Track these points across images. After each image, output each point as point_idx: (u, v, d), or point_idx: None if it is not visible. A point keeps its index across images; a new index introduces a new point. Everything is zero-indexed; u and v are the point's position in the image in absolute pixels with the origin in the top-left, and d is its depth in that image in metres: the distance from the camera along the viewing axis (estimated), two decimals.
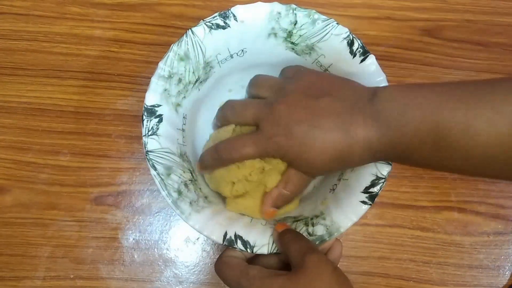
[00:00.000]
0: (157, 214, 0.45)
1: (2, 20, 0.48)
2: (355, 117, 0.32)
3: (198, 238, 0.45)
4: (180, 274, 0.45)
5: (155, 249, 0.45)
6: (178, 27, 0.48)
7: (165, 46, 0.48)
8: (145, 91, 0.47)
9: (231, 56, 0.40)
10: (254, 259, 0.36)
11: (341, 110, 0.32)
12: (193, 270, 0.45)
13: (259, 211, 0.37)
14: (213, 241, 0.35)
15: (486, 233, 0.45)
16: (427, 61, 0.49)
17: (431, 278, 0.45)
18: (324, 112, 0.33)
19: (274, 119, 0.34)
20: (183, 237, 0.45)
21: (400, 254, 0.45)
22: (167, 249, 0.45)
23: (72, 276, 0.44)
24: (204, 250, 0.45)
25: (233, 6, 0.37)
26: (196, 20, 0.48)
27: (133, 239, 0.45)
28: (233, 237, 0.35)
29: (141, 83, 0.47)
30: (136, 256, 0.45)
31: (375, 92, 0.33)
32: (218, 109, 0.40)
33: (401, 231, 0.45)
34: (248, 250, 0.35)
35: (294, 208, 0.40)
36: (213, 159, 0.36)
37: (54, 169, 0.45)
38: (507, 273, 0.45)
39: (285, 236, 0.34)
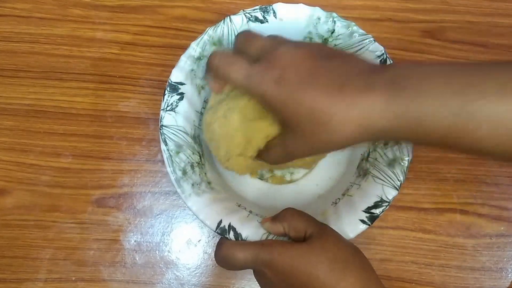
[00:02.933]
0: (159, 216, 0.45)
1: (3, 22, 0.48)
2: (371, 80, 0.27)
3: (200, 240, 0.45)
4: (182, 277, 0.44)
5: (157, 251, 0.45)
6: (179, 29, 0.48)
7: (167, 48, 0.48)
8: (146, 93, 0.48)
9: None
10: None
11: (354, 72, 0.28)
12: (195, 272, 0.45)
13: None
14: (206, 226, 0.35)
15: (488, 235, 0.45)
16: (428, 63, 0.49)
17: (433, 281, 0.45)
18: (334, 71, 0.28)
19: (275, 60, 0.29)
20: (185, 239, 0.45)
21: (402, 256, 0.45)
22: (169, 251, 0.45)
23: (73, 278, 0.44)
24: (206, 252, 0.45)
25: (235, 8, 0.37)
26: (197, 22, 0.49)
27: (135, 241, 0.45)
28: (226, 227, 0.34)
29: (143, 85, 0.47)
30: (137, 258, 0.44)
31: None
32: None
33: (403, 233, 0.45)
34: None
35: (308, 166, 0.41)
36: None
37: (55, 171, 0.45)
38: (509, 275, 0.45)
39: (287, 212, 0.34)
